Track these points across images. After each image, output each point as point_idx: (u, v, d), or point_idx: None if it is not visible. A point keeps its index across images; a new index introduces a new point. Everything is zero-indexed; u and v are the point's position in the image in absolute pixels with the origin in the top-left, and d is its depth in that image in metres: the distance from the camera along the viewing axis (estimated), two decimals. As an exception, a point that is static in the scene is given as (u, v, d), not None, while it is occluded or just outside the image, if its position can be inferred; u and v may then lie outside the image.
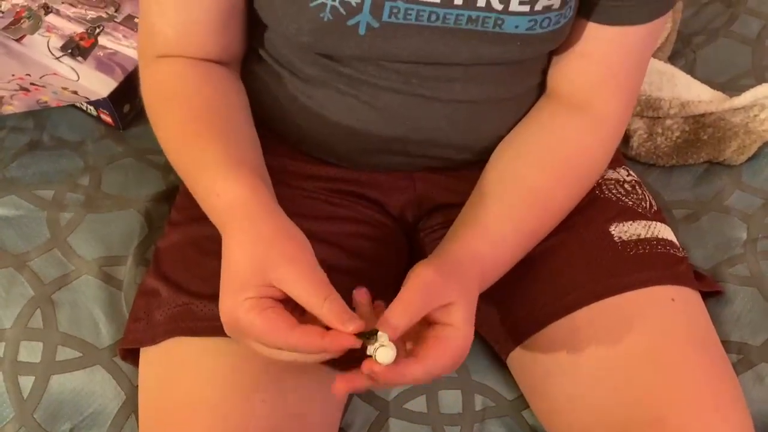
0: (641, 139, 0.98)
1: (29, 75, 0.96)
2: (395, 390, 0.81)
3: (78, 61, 0.98)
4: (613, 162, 0.82)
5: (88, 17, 1.03)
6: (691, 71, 1.06)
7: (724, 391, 0.71)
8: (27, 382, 0.80)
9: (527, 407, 0.81)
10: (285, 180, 0.78)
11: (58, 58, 0.99)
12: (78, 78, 0.97)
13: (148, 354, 0.73)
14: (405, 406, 0.81)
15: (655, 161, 0.98)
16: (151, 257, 0.80)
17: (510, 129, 0.77)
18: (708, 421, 0.68)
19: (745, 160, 0.97)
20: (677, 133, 0.98)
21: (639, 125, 0.99)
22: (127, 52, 0.99)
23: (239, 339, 0.61)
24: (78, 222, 0.89)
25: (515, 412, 0.81)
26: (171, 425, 0.68)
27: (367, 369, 0.57)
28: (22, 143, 0.97)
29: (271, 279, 0.59)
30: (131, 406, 0.80)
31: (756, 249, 0.89)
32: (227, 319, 0.60)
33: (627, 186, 0.82)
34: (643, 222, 0.79)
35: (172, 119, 0.71)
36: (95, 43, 1.00)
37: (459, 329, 0.60)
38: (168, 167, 0.94)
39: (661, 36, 1.07)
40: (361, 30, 0.66)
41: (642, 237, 0.77)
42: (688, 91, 1.00)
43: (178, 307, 0.72)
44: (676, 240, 0.80)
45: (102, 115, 0.98)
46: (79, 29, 1.01)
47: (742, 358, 0.83)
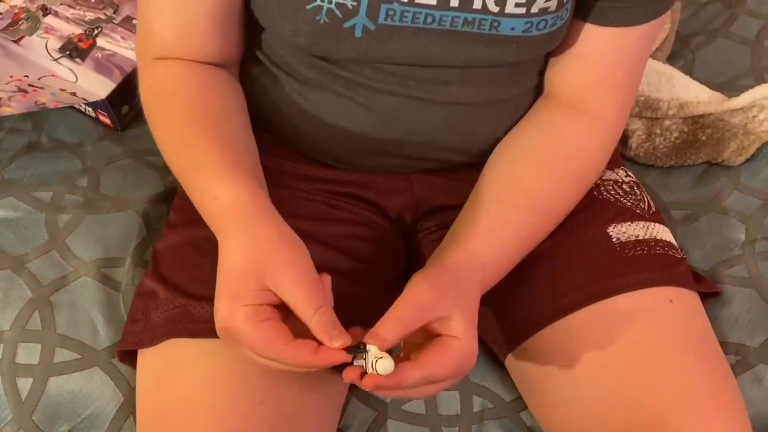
0: (640, 140, 0.98)
1: (27, 76, 0.96)
2: (394, 391, 0.81)
3: (76, 63, 0.98)
4: (612, 163, 0.82)
5: (86, 18, 1.02)
6: (690, 72, 1.06)
7: (722, 393, 0.70)
8: (25, 383, 0.80)
9: (525, 408, 0.81)
10: (283, 181, 0.78)
11: (56, 59, 0.98)
12: (76, 79, 0.97)
13: (146, 355, 0.73)
14: (403, 407, 0.81)
15: (654, 162, 0.98)
16: (149, 259, 0.80)
17: (507, 131, 0.77)
18: (706, 423, 0.68)
19: (744, 161, 0.97)
20: (676, 134, 0.98)
21: (637, 126, 0.99)
22: (126, 53, 0.99)
23: (232, 344, 0.61)
24: (76, 223, 0.89)
25: (513, 413, 0.81)
26: (169, 427, 0.67)
27: (371, 385, 0.57)
28: (20, 145, 0.97)
29: (267, 282, 0.58)
30: (129, 407, 0.80)
31: (754, 250, 0.89)
32: (222, 325, 0.60)
33: (625, 187, 0.82)
34: (642, 223, 0.79)
35: (169, 120, 0.71)
36: (93, 45, 1.00)
37: (461, 339, 0.60)
38: (166, 169, 0.93)
39: (660, 37, 1.06)
40: (357, 32, 0.66)
41: (640, 238, 0.77)
42: (686, 92, 1.00)
43: (176, 309, 0.72)
44: (674, 241, 0.80)
45: (100, 117, 0.98)
46: (78, 31, 1.01)
47: (740, 359, 0.83)
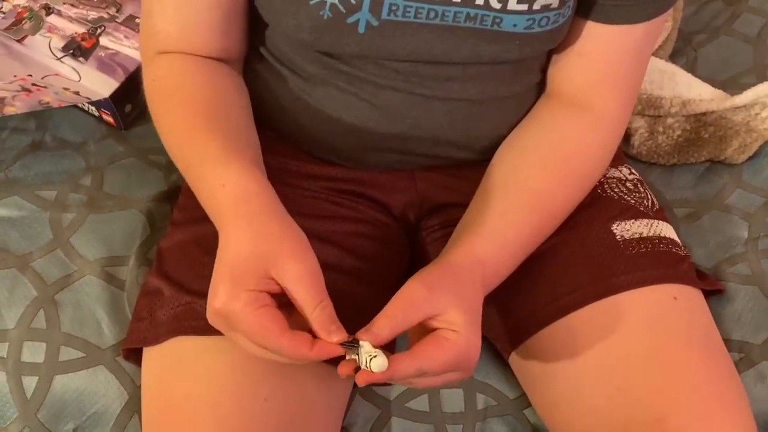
0: (642, 138, 0.98)
1: (31, 76, 0.96)
2: (397, 389, 0.82)
3: (79, 62, 0.98)
4: (615, 160, 0.82)
5: (89, 18, 1.03)
6: (692, 70, 1.06)
7: (726, 391, 0.70)
8: (30, 382, 0.80)
9: (529, 406, 0.81)
10: (286, 179, 0.78)
11: (59, 58, 0.99)
12: (79, 78, 0.97)
13: (150, 353, 0.74)
14: (407, 405, 0.81)
15: (656, 160, 0.98)
16: (154, 257, 0.80)
17: (511, 128, 0.77)
18: (710, 421, 0.68)
19: (746, 158, 0.97)
20: (678, 132, 0.98)
21: (640, 124, 0.99)
22: (129, 52, 0.99)
23: (225, 330, 0.60)
24: (80, 222, 0.89)
25: (517, 410, 0.81)
26: (174, 424, 0.68)
27: (363, 381, 0.58)
28: (24, 144, 0.97)
29: (272, 272, 0.58)
30: (134, 405, 0.80)
31: (757, 247, 0.89)
32: (219, 308, 0.58)
33: (629, 184, 0.82)
34: (645, 220, 0.79)
35: (173, 114, 0.71)
36: (96, 44, 1.00)
37: (460, 333, 0.60)
38: (170, 167, 0.94)
39: (662, 35, 1.06)
40: (361, 28, 0.66)
41: (644, 236, 0.77)
42: (689, 90, 1.00)
43: (180, 307, 0.72)
44: (678, 239, 0.80)
45: (104, 116, 0.98)
46: (81, 30, 1.01)
47: (743, 356, 0.83)
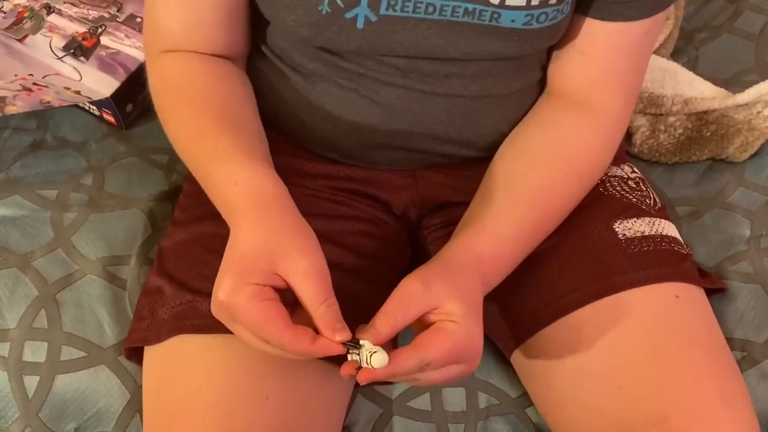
0: (644, 137, 0.98)
1: (32, 75, 0.96)
2: (399, 388, 0.81)
3: (80, 61, 0.98)
4: (617, 159, 0.82)
5: (90, 17, 1.03)
6: (694, 68, 1.06)
7: (728, 389, 0.70)
8: (32, 381, 0.80)
9: (531, 405, 0.81)
10: (288, 178, 0.77)
11: (60, 58, 0.99)
12: (80, 78, 0.97)
13: (152, 352, 0.74)
14: (409, 404, 0.81)
15: (658, 158, 0.98)
16: (155, 257, 0.80)
17: (512, 125, 0.77)
18: (713, 420, 0.68)
19: (749, 157, 0.96)
20: (680, 130, 0.98)
21: (642, 122, 0.98)
22: (130, 51, 0.99)
23: (227, 322, 0.60)
24: (81, 222, 0.89)
25: (519, 409, 0.81)
26: (175, 423, 0.68)
27: (365, 379, 0.58)
28: (25, 143, 0.97)
29: (279, 268, 0.58)
30: (136, 405, 0.80)
31: (759, 246, 0.89)
32: (223, 299, 0.58)
33: (631, 183, 0.82)
34: (647, 219, 0.79)
35: (181, 112, 0.71)
36: (97, 43, 1.00)
37: (459, 323, 0.60)
38: (171, 167, 0.94)
39: (663, 33, 1.06)
40: (359, 23, 0.66)
41: (646, 234, 0.77)
42: (690, 88, 1.00)
43: (182, 305, 0.72)
44: (680, 237, 0.80)
45: (105, 115, 0.98)
46: (82, 29, 1.01)
47: (745, 355, 0.83)
